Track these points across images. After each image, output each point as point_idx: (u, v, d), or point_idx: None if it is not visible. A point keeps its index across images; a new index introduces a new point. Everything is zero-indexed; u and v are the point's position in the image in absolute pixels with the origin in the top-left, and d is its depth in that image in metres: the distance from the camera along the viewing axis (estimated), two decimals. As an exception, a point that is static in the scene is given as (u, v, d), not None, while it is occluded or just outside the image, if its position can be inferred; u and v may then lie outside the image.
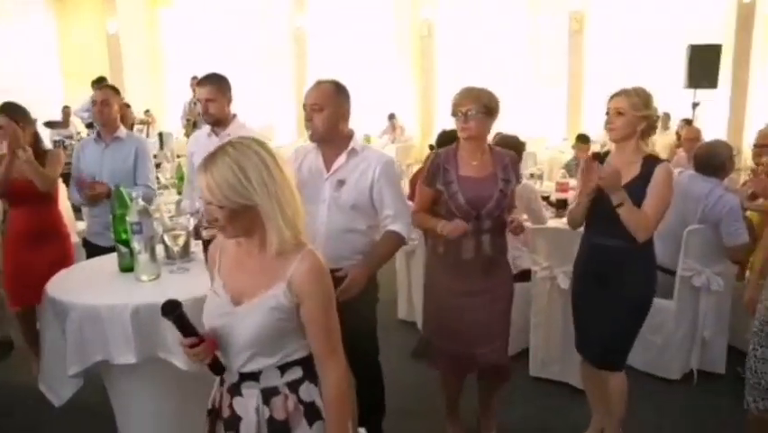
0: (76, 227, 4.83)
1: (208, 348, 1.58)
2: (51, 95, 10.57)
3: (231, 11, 12.08)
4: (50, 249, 3.41)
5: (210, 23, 12.23)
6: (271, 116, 10.71)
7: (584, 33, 10.51)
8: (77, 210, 4.99)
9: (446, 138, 3.94)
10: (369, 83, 11.46)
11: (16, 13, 11.01)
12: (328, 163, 2.54)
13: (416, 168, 5.64)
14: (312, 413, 1.61)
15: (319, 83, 2.51)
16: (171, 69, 12.45)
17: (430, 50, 11.58)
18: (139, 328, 2.07)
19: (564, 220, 3.63)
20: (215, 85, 3.25)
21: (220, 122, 3.30)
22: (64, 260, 3.35)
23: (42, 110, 9.28)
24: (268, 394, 1.60)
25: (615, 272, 2.58)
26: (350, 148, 2.52)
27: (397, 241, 2.57)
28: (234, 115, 3.38)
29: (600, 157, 2.63)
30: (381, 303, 2.76)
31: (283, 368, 1.60)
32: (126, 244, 2.40)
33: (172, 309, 1.54)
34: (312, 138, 2.53)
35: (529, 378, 3.67)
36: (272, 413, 1.60)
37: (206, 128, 3.48)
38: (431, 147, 7.76)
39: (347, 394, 1.64)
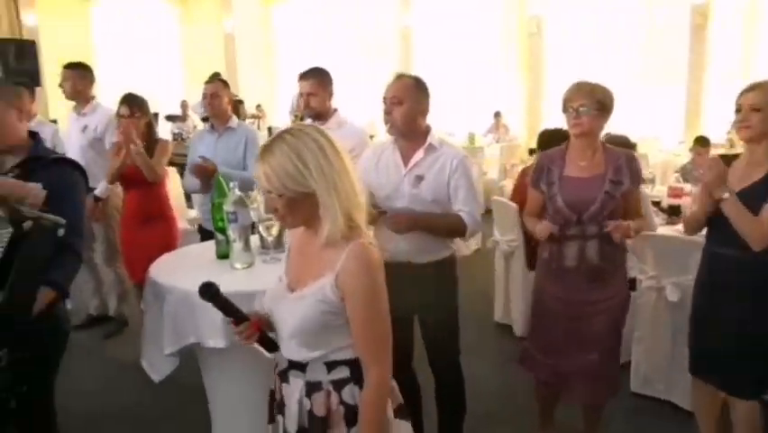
0: (186, 214, 5.15)
1: (252, 327, 1.59)
2: (173, 90, 11.27)
3: (340, 9, 12.33)
4: (156, 230, 3.68)
5: (320, 20, 12.55)
6: (376, 113, 10.82)
7: (708, 28, 9.80)
8: (187, 198, 5.34)
9: (548, 137, 3.79)
10: (474, 81, 11.32)
11: (143, 15, 11.85)
12: (406, 159, 2.52)
13: (519, 168, 5.48)
14: (352, 417, 1.56)
15: (400, 77, 2.50)
16: (282, 65, 12.91)
17: (538, 48, 11.24)
18: (229, 314, 2.13)
19: (677, 227, 3.38)
20: (317, 79, 3.28)
21: (320, 115, 3.33)
22: (168, 242, 3.60)
23: (165, 105, 9.95)
24: (311, 388, 1.58)
25: (735, 285, 2.34)
26: (427, 144, 2.49)
27: (458, 224, 2.48)
28: (335, 110, 3.40)
29: (728, 160, 2.40)
30: (478, 304, 2.71)
31: (330, 365, 1.57)
32: (223, 231, 2.49)
33: (207, 291, 1.55)
34: (390, 131, 2.52)
35: (630, 393, 3.43)
36: (312, 407, 1.58)
37: (307, 122, 3.54)
38: (531, 151, 7.55)
39: (384, 404, 1.57)
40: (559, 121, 2.58)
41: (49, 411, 2.19)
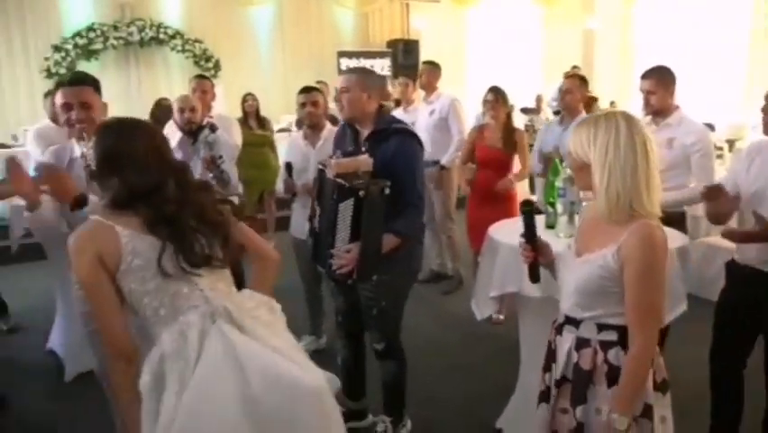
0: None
1: (531, 253, 1.97)
2: (531, 85, 11.88)
3: (694, 7, 11.35)
4: (500, 207, 4.30)
5: (681, 17, 11.72)
6: (745, 116, 9.72)
7: None
8: (531, 185, 6.03)
9: None
10: None
11: (512, 17, 12.70)
12: None
13: None
14: (614, 377, 1.74)
15: None
16: (640, 63, 12.47)
17: None
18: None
19: None
20: (657, 78, 3.41)
21: (660, 112, 3.45)
22: (508, 216, 4.16)
23: (522, 98, 10.60)
24: (581, 343, 1.80)
25: None
26: None
27: None
28: (677, 107, 3.48)
29: None
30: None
31: (601, 327, 1.77)
32: (553, 205, 2.89)
33: (528, 203, 1.98)
34: None
35: None
36: (579, 361, 1.80)
37: (647, 119, 3.69)
38: None
39: (644, 373, 1.71)
40: None
41: (396, 327, 2.90)
